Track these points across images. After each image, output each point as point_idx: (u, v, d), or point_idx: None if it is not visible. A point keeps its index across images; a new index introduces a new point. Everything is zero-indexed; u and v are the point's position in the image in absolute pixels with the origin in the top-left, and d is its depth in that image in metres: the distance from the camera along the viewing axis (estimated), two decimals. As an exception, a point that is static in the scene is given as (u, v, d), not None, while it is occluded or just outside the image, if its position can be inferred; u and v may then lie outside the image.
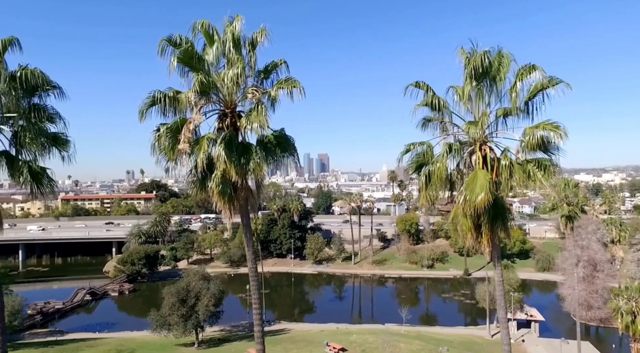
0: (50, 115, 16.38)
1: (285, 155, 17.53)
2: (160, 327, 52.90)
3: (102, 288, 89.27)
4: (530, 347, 56.87)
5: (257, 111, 15.57)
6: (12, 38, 15.16)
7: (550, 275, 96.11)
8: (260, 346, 19.19)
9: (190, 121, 15.79)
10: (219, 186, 16.10)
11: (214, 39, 16.62)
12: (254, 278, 19.61)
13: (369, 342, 53.29)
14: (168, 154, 16.48)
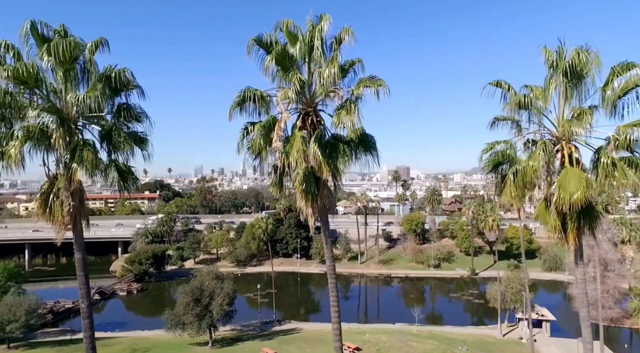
0: (137, 114, 16.53)
1: (367, 154, 17.51)
2: (175, 326, 53.03)
3: (111, 288, 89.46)
4: (542, 346, 57.03)
5: (347, 109, 15.60)
6: (101, 39, 15.28)
7: (557, 275, 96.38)
8: (338, 344, 19.56)
9: (281, 120, 15.90)
10: (303, 185, 16.10)
11: (297, 38, 16.67)
12: (332, 276, 19.94)
13: (383, 341, 53.43)
14: (255, 152, 16.58)
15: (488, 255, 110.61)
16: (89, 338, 18.30)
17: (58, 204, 15.23)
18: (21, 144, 14.35)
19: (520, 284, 62.01)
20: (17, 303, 51.09)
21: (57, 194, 15.23)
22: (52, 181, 15.88)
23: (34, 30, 15.18)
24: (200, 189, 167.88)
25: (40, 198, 15.72)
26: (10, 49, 15.16)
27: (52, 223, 15.78)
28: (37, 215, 16.05)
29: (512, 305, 62.71)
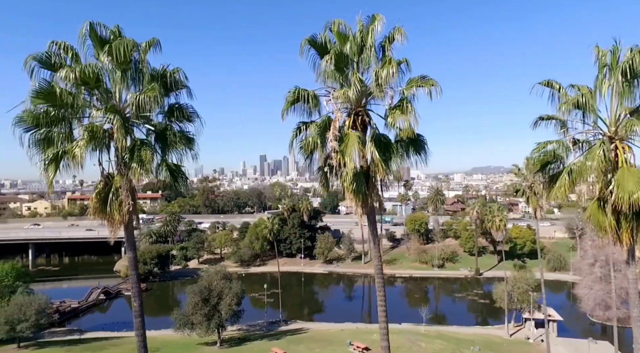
0: (189, 114, 16.60)
1: (417, 154, 17.39)
2: (184, 325, 53.08)
3: (116, 288, 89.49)
4: (550, 346, 56.98)
5: (402, 109, 15.56)
6: (154, 39, 15.30)
7: (562, 275, 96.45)
8: (385, 343, 19.58)
9: (336, 119, 15.92)
10: (353, 184, 16.08)
11: (347, 38, 16.68)
12: (380, 276, 19.74)
13: (391, 340, 53.34)
14: (307, 151, 16.62)
15: (492, 255, 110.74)
16: (140, 336, 18.47)
17: (117, 203, 15.27)
18: (86, 144, 14.40)
19: (527, 284, 62.11)
20: (27, 303, 51.16)
21: (116, 194, 15.25)
22: (106, 181, 15.90)
23: (92, 32, 15.21)
24: (202, 190, 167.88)
25: (96, 197, 15.72)
26: (69, 50, 15.24)
27: (110, 222, 15.81)
28: (94, 214, 16.04)
29: (519, 305, 62.72)
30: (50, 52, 14.79)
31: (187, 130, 16.69)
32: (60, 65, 14.76)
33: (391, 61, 15.25)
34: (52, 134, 15.24)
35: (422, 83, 15.45)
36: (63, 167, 15.29)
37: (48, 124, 14.88)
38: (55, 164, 15.24)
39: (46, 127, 14.95)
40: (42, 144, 15.24)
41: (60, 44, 14.95)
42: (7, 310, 50.19)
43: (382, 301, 19.52)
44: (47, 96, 14.58)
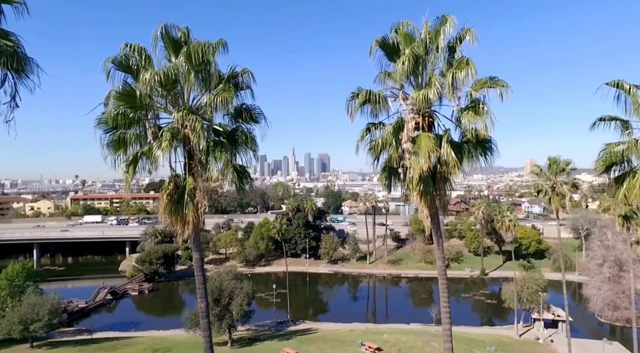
0: (257, 115, 16.61)
1: (485, 155, 17.21)
2: (195, 325, 52.99)
3: (123, 288, 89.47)
4: (560, 347, 57.12)
5: (475, 110, 15.55)
6: (222, 41, 15.28)
7: (568, 275, 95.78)
8: (449, 345, 19.60)
9: (408, 120, 15.92)
10: (421, 185, 16.02)
11: (414, 39, 16.67)
12: (443, 277, 19.78)
13: (402, 341, 53.53)
14: (377, 152, 16.63)
15: (497, 255, 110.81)
16: (207, 337, 18.48)
17: (192, 204, 15.30)
18: (169, 144, 14.42)
19: (537, 284, 62.13)
20: (40, 303, 51.24)
21: (191, 195, 15.26)
22: (175, 181, 15.91)
23: (166, 34, 15.28)
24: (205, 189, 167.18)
25: (166, 198, 15.71)
26: (142, 51, 15.31)
27: (182, 223, 15.81)
28: (164, 215, 16.05)
29: (528, 306, 62.76)
30: (126, 55, 14.88)
31: (253, 131, 16.70)
32: (136, 68, 14.86)
33: (468, 62, 15.16)
34: (127, 135, 15.33)
35: (493, 84, 15.34)
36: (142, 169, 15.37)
37: (125, 126, 14.96)
38: (134, 165, 15.29)
39: (123, 129, 15.02)
40: (116, 145, 15.33)
41: (132, 46, 15.01)
42: (21, 310, 50.31)
43: (445, 303, 19.51)
44: (128, 97, 14.68)
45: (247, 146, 16.40)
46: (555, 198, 38.34)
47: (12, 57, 13.00)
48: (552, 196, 38.56)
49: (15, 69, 13.13)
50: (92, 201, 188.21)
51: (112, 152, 15.56)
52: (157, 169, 15.28)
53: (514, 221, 70.63)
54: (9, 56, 12.97)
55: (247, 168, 16.55)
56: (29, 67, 13.29)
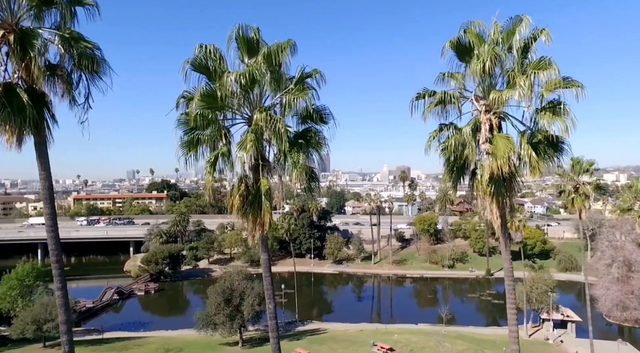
0: (326, 115, 16.57)
1: (557, 155, 17.03)
2: (206, 326, 53.10)
3: (129, 288, 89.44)
4: (570, 347, 57.19)
5: (554, 111, 15.42)
6: (291, 41, 15.25)
7: (573, 275, 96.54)
8: (516, 347, 19.29)
9: (484, 121, 15.90)
10: (491, 186, 15.96)
11: (483, 39, 16.62)
12: (510, 278, 19.49)
13: (413, 341, 53.55)
14: (449, 153, 16.61)
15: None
16: (275, 338, 18.82)
17: (268, 205, 15.32)
18: (253, 146, 14.44)
19: (546, 285, 62.17)
20: (52, 303, 51.17)
21: (267, 196, 15.26)
22: (246, 182, 15.91)
23: (241, 34, 15.29)
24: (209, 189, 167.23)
25: (238, 199, 15.71)
26: (217, 52, 15.31)
27: (256, 224, 15.83)
28: (236, 215, 16.07)
29: (537, 306, 62.80)
30: (204, 56, 14.92)
31: (322, 131, 16.68)
32: (214, 69, 14.89)
33: (551, 62, 15.05)
34: (201, 136, 15.36)
35: (569, 84, 15.15)
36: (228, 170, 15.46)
37: (203, 127, 14.99)
38: (214, 166, 15.32)
39: (200, 130, 15.05)
40: (189, 146, 15.41)
41: (207, 47, 15.01)
42: (34, 310, 50.29)
43: (512, 304, 19.32)
44: (209, 98, 14.70)
45: (318, 147, 16.34)
46: (578, 198, 38.37)
47: (91, 59, 13.04)
48: (575, 197, 38.59)
49: (90, 71, 13.15)
50: (94, 201, 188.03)
51: (185, 153, 15.63)
52: (233, 170, 15.29)
53: (523, 221, 70.76)
54: (88, 59, 13.00)
55: (314, 169, 16.50)
56: (103, 69, 13.32)
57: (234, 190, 15.70)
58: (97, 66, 13.97)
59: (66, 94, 14.08)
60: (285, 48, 15.24)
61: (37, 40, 12.95)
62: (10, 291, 56.78)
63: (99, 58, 13.98)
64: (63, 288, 17.13)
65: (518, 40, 16.27)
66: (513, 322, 19.45)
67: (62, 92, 14.04)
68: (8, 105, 12.78)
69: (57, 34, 13.35)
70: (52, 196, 16.26)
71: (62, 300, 17.18)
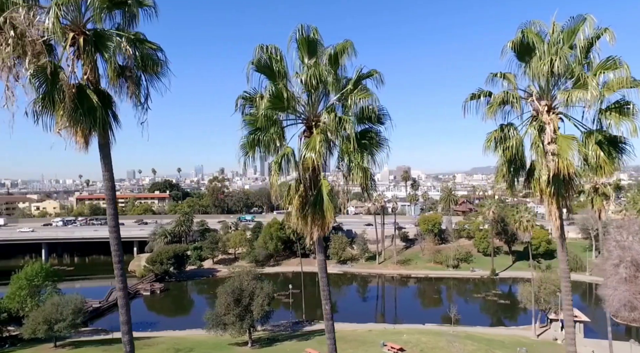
0: (382, 116, 16.51)
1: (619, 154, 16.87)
2: (216, 326, 53.09)
3: (134, 288, 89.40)
4: (579, 347, 56.73)
5: (621, 111, 15.19)
6: (349, 42, 15.22)
7: (579, 275, 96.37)
8: (572, 348, 19.19)
9: (548, 122, 15.84)
10: (552, 186, 15.87)
11: (542, 39, 16.57)
12: (567, 279, 19.35)
13: (423, 341, 53.56)
14: (511, 153, 16.57)
15: (506, 255, 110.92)
16: (332, 339, 18.78)
17: (331, 206, 15.32)
18: (322, 147, 14.43)
19: (554, 285, 62.13)
20: (63, 303, 51.29)
21: (330, 196, 15.26)
22: (304, 183, 15.89)
23: (302, 35, 15.31)
24: (212, 189, 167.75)
25: (298, 200, 15.71)
26: (278, 52, 15.30)
27: (316, 225, 15.85)
28: (295, 217, 16.07)
29: (545, 306, 62.83)
30: (269, 57, 14.90)
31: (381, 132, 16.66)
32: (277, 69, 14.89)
33: (621, 62, 14.91)
34: (261, 136, 15.36)
35: (636, 84, 15.07)
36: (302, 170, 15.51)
37: (266, 128, 15.00)
38: (280, 165, 15.33)
39: (263, 131, 15.05)
40: (250, 146, 15.46)
41: (267, 48, 14.96)
42: (45, 310, 50.29)
43: (569, 306, 19.25)
44: (275, 99, 14.71)
45: (378, 148, 16.29)
46: (598, 199, 38.34)
47: (154, 61, 13.03)
48: (594, 198, 38.55)
49: (152, 72, 13.13)
50: (97, 201, 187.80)
51: (245, 153, 15.65)
52: (294, 171, 15.29)
53: (532, 221, 70.77)
54: (151, 60, 13.00)
55: (369, 169, 16.48)
56: (162, 70, 13.29)
57: (291, 191, 15.64)
58: (158, 67, 14.01)
59: (134, 96, 14.13)
60: (346, 49, 15.23)
61: (111, 42, 13.01)
62: (20, 291, 56.76)
63: (161, 60, 14.04)
64: (124, 288, 17.41)
65: (581, 39, 16.11)
66: (570, 323, 19.35)
67: (130, 94, 14.09)
68: (80, 106, 12.82)
69: (123, 36, 13.42)
70: (115, 196, 16.26)
71: (123, 301, 17.59)
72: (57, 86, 12.39)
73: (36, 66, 12.05)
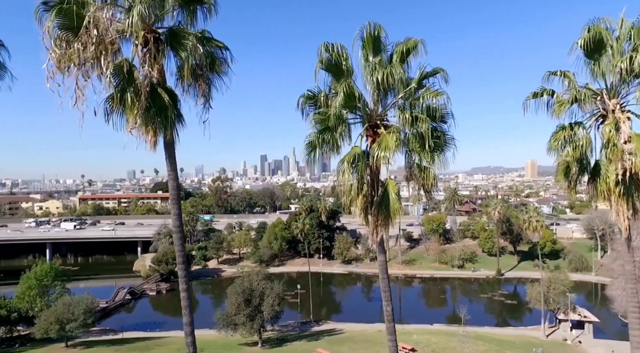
0: (445, 114, 16.33)
1: None
2: (227, 326, 52.96)
3: (140, 288, 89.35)
4: (589, 348, 57.02)
5: None
6: (417, 40, 15.05)
7: (584, 276, 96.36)
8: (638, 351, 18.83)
9: (622, 120, 15.68)
10: (621, 186, 15.71)
11: (609, 37, 16.35)
12: (632, 280, 19.10)
13: (434, 342, 53.46)
14: (581, 151, 16.41)
15: (511, 256, 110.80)
16: (393, 341, 19.08)
17: (398, 206, 15.21)
18: (396, 147, 14.35)
19: (564, 285, 62.12)
20: (75, 303, 51.17)
21: (397, 196, 15.15)
22: (368, 182, 15.78)
23: (369, 33, 15.14)
24: (215, 189, 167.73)
25: (362, 200, 15.60)
26: (343, 51, 15.18)
27: (381, 224, 15.74)
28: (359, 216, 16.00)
29: (554, 306, 62.74)
30: (338, 55, 14.80)
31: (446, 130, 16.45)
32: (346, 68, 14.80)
33: None
34: (326, 136, 15.24)
35: None
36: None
37: (336, 126, 14.91)
38: (352, 164, 15.23)
39: (333, 130, 14.94)
40: (317, 144, 15.33)
41: (332, 46, 14.88)
42: (57, 310, 50.14)
43: (635, 308, 18.86)
44: (348, 98, 14.60)
45: (445, 147, 16.09)
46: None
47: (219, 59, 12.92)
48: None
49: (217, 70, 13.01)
50: (100, 201, 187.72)
51: (309, 151, 15.56)
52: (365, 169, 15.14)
53: (541, 221, 70.67)
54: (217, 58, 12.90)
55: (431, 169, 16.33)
56: (226, 68, 13.17)
57: (353, 191, 15.46)
58: (223, 66, 13.91)
59: (204, 95, 14.03)
60: (415, 47, 15.08)
61: (187, 40, 12.91)
62: (29, 291, 56.61)
63: (227, 58, 13.94)
64: (187, 289, 17.33)
65: None
66: (636, 326, 18.89)
67: (201, 93, 13.97)
68: (153, 105, 12.71)
69: (193, 35, 13.30)
70: (179, 196, 16.18)
71: (187, 302, 17.52)
72: (133, 85, 12.33)
73: (114, 65, 11.96)
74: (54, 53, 11.69)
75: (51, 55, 11.74)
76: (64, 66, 11.84)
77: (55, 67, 11.86)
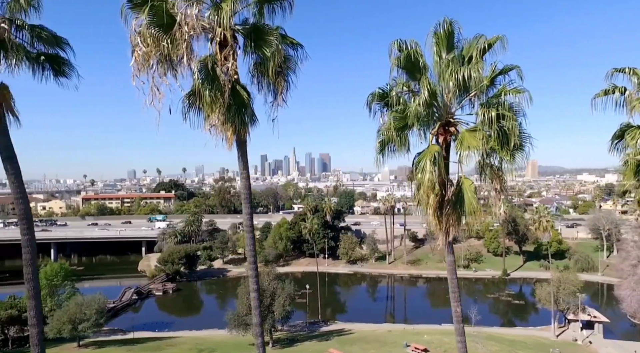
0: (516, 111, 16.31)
1: None
2: (238, 326, 52.84)
3: (147, 287, 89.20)
4: (600, 348, 56.95)
5: None
6: (498, 37, 14.68)
7: (591, 276, 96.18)
8: None
9: None
10: None
11: None
12: None
13: (446, 342, 53.37)
14: None
15: (516, 256, 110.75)
16: (462, 342, 19.00)
17: (475, 205, 15.12)
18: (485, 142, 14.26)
19: (574, 285, 62.06)
20: (87, 303, 51.07)
21: (474, 196, 15.09)
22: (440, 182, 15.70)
23: (445, 29, 14.98)
24: (219, 189, 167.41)
25: (434, 199, 15.49)
26: (417, 48, 14.95)
27: (453, 226, 15.67)
28: (431, 218, 15.88)
29: (564, 306, 62.70)
30: (416, 53, 14.67)
31: None
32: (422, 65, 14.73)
33: None
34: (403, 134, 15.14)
35: None
36: None
37: (413, 124, 14.79)
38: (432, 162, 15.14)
39: (409, 128, 14.86)
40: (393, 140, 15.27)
41: (406, 43, 14.68)
42: (69, 310, 50.04)
43: None
44: (429, 97, 14.37)
45: (522, 145, 15.71)
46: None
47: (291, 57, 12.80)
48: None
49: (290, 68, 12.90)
50: (103, 201, 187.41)
51: (379, 150, 15.60)
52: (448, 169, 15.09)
53: (551, 222, 70.60)
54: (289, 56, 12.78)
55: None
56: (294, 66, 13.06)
57: (424, 190, 15.30)
58: (294, 63, 13.82)
59: (282, 93, 13.91)
60: (493, 44, 14.90)
61: (272, 37, 12.78)
62: (40, 290, 56.43)
63: (300, 57, 13.85)
64: (257, 290, 17.26)
65: None
66: None
67: (280, 90, 13.85)
68: (234, 102, 12.60)
69: (276, 31, 13.15)
70: (251, 196, 15.96)
71: (257, 302, 17.35)
72: (216, 82, 12.22)
73: (200, 61, 11.85)
74: (140, 51, 11.61)
75: (137, 53, 11.67)
76: (146, 64, 11.74)
77: (139, 65, 11.76)
